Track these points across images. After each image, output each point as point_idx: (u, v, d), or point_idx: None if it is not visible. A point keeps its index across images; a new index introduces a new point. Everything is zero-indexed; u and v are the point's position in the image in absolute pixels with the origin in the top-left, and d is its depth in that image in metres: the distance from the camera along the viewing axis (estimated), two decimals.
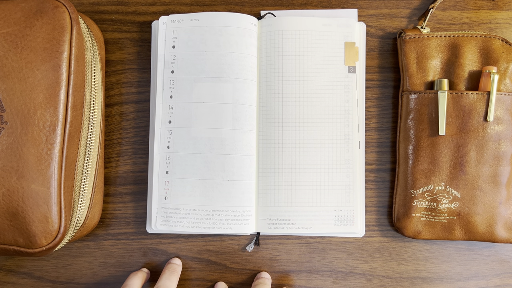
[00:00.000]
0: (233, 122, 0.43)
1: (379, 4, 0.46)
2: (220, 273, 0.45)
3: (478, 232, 0.42)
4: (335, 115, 0.44)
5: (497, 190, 0.42)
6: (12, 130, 0.35)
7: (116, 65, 0.46)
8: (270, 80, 0.44)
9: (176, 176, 0.43)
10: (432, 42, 0.43)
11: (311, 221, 0.43)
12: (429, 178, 0.42)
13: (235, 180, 0.43)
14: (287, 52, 0.44)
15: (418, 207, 0.43)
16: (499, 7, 0.45)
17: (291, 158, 0.44)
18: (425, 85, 0.43)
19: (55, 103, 0.36)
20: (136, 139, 0.46)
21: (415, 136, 0.43)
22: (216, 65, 0.43)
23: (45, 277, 0.45)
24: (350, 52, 0.44)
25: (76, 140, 0.38)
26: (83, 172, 0.40)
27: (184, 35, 0.44)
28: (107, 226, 0.45)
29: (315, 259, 0.45)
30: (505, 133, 0.42)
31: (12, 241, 0.36)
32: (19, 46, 0.36)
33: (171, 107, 0.44)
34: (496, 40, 0.42)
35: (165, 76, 0.44)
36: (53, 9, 0.37)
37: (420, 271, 0.45)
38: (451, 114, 0.42)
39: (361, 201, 0.44)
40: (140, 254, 0.45)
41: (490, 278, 0.45)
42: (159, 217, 0.43)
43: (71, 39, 0.37)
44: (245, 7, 0.46)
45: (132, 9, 0.46)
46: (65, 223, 0.36)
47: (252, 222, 0.44)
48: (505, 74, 0.42)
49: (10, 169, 0.35)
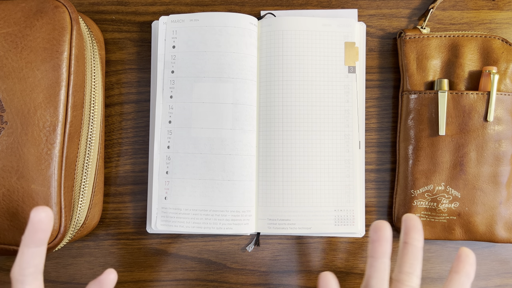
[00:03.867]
0: (233, 122, 0.43)
1: (379, 4, 0.46)
2: (220, 273, 0.45)
3: (478, 232, 0.42)
4: (335, 115, 0.44)
5: (497, 190, 0.42)
6: (12, 130, 0.35)
7: (116, 65, 0.46)
8: (270, 80, 0.44)
9: (176, 176, 0.43)
10: (432, 42, 0.43)
11: (311, 221, 0.43)
12: (429, 178, 0.42)
13: (235, 180, 0.43)
14: (287, 52, 0.44)
15: (418, 207, 0.43)
16: (499, 7, 0.45)
17: (291, 158, 0.44)
18: (425, 85, 0.43)
19: (55, 103, 0.36)
20: (136, 139, 0.46)
21: (415, 136, 0.43)
22: (216, 65, 0.43)
23: (45, 277, 0.45)
24: (350, 52, 0.44)
25: (76, 140, 0.38)
26: (83, 172, 0.40)
27: (184, 35, 0.44)
28: (107, 226, 0.45)
29: (315, 259, 0.45)
30: (505, 133, 0.42)
31: (12, 241, 0.36)
32: (19, 46, 0.36)
33: (171, 107, 0.44)
34: (496, 40, 0.42)
35: (165, 76, 0.44)
36: (53, 9, 0.37)
37: None
38: (451, 114, 0.42)
39: (361, 201, 0.44)
40: (140, 254, 0.45)
41: (490, 278, 0.45)
42: (159, 217, 0.43)
43: (71, 39, 0.37)
44: (245, 7, 0.46)
45: (132, 9, 0.46)
46: (65, 223, 0.36)
47: (252, 222, 0.44)
48: (505, 74, 0.42)
49: (10, 169, 0.35)
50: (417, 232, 0.35)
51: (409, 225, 0.36)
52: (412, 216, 0.36)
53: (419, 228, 0.36)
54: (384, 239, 0.35)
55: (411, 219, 0.36)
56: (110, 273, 0.34)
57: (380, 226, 0.35)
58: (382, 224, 0.35)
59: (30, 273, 0.31)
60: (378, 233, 0.35)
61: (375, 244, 0.35)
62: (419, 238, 0.35)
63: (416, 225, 0.36)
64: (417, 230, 0.35)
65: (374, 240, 0.35)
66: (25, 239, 0.30)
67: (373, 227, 0.35)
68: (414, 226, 0.36)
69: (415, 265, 0.35)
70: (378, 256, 0.35)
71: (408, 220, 0.36)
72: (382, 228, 0.35)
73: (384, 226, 0.35)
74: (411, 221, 0.36)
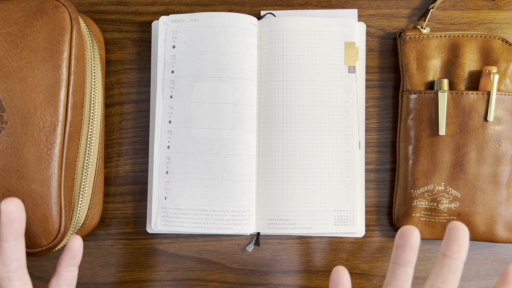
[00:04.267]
0: (233, 122, 0.43)
1: (379, 4, 0.46)
2: (220, 273, 0.45)
3: (478, 232, 0.42)
4: (335, 115, 0.44)
5: (497, 190, 0.42)
6: (12, 130, 0.35)
7: (116, 65, 0.46)
8: (270, 80, 0.44)
9: (176, 176, 0.43)
10: (432, 42, 0.43)
11: (311, 221, 0.43)
12: (429, 178, 0.42)
13: (235, 180, 0.43)
14: (287, 52, 0.44)
15: (418, 207, 0.43)
16: (499, 7, 0.45)
17: (291, 158, 0.44)
18: (425, 85, 0.43)
19: (55, 103, 0.36)
20: (136, 139, 0.46)
21: (415, 136, 0.43)
22: (216, 65, 0.43)
23: (45, 277, 0.45)
24: (350, 52, 0.44)
25: (76, 140, 0.38)
26: (83, 172, 0.40)
27: (184, 35, 0.44)
28: (107, 226, 0.45)
29: (315, 259, 0.45)
30: (505, 133, 0.42)
31: None
32: (19, 46, 0.36)
33: (171, 107, 0.44)
34: (496, 40, 0.42)
35: (165, 76, 0.44)
36: (53, 9, 0.37)
37: (420, 271, 0.45)
38: (451, 114, 0.42)
39: (361, 201, 0.44)
40: (140, 254, 0.45)
41: (490, 278, 0.45)
42: (159, 217, 0.43)
43: (71, 39, 0.37)
44: (245, 7, 0.46)
45: (132, 9, 0.46)
46: (65, 223, 0.36)
47: (252, 222, 0.44)
48: (505, 74, 0.42)
49: (10, 169, 0.35)
50: (460, 244, 0.32)
51: (452, 236, 0.32)
52: (458, 225, 0.32)
53: (464, 240, 0.32)
54: (409, 246, 0.32)
55: (455, 229, 0.32)
56: (75, 239, 0.35)
57: (407, 232, 0.32)
58: (409, 229, 0.32)
59: (14, 267, 0.31)
60: (403, 239, 0.32)
61: (399, 250, 0.32)
62: (461, 252, 0.32)
63: (461, 236, 0.31)
64: (460, 242, 0.32)
65: (399, 246, 0.32)
66: (2, 234, 0.30)
67: (400, 232, 0.32)
68: (457, 238, 0.32)
69: (450, 282, 0.32)
70: (401, 263, 0.32)
71: (453, 230, 0.32)
72: (409, 234, 0.32)
73: (411, 232, 0.32)
74: (456, 231, 0.32)
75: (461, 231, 0.32)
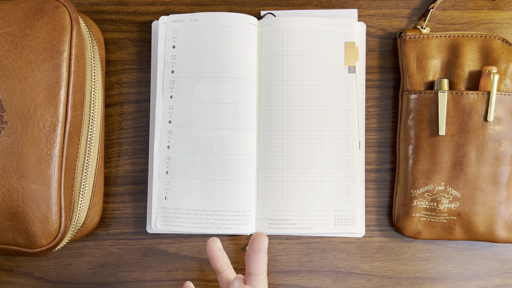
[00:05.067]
0: (233, 122, 0.43)
1: (379, 4, 0.46)
2: None
3: (478, 232, 0.42)
4: (335, 115, 0.44)
5: (497, 190, 0.42)
6: (12, 130, 0.35)
7: (116, 65, 0.46)
8: (270, 80, 0.44)
9: (176, 176, 0.43)
10: (432, 42, 0.43)
11: (311, 221, 0.43)
12: (429, 178, 0.42)
13: (235, 180, 0.43)
14: (287, 52, 0.44)
15: (418, 207, 0.43)
16: (499, 7, 0.45)
17: (291, 158, 0.44)
18: (425, 85, 0.43)
19: (55, 103, 0.36)
20: (136, 139, 0.46)
21: (415, 136, 0.43)
22: (216, 65, 0.43)
23: (45, 277, 0.45)
24: (350, 52, 0.44)
25: (76, 140, 0.38)
26: (83, 172, 0.40)
27: (184, 35, 0.44)
28: (107, 226, 0.45)
29: (315, 259, 0.45)
30: (505, 133, 0.42)
31: (12, 241, 0.36)
32: (19, 46, 0.36)
33: (171, 107, 0.44)
34: (496, 40, 0.42)
35: (165, 76, 0.44)
36: (53, 9, 0.37)
37: (420, 271, 0.45)
38: (451, 114, 0.42)
39: (361, 201, 0.44)
40: (140, 254, 0.45)
41: (490, 278, 0.45)
42: (159, 217, 0.43)
43: (71, 39, 0.37)
44: (245, 7, 0.46)
45: (132, 9, 0.46)
46: (65, 223, 0.36)
47: (252, 222, 0.44)
48: (505, 74, 0.42)
49: (10, 169, 0.35)
50: None
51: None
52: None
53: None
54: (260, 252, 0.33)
55: None
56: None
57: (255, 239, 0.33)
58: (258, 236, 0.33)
59: None
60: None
61: None
62: None
63: None
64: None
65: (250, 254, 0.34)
66: None
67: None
68: None
69: None
70: None
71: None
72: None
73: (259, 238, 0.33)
74: None
75: None
